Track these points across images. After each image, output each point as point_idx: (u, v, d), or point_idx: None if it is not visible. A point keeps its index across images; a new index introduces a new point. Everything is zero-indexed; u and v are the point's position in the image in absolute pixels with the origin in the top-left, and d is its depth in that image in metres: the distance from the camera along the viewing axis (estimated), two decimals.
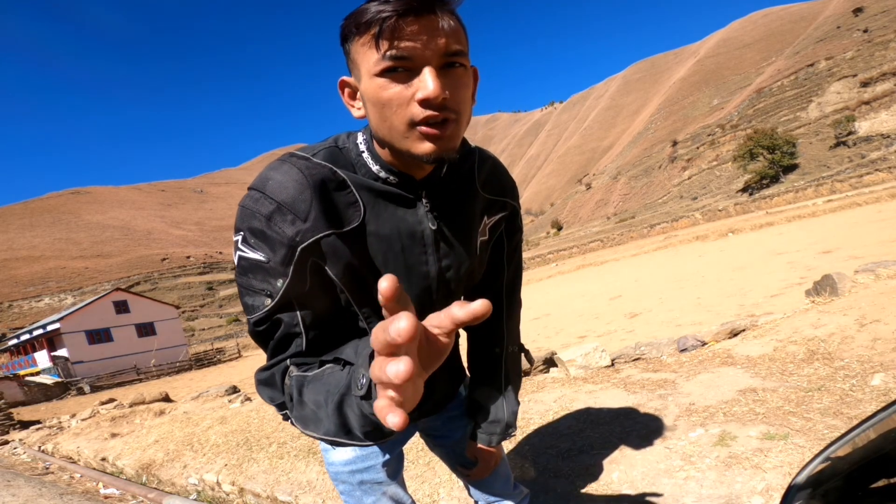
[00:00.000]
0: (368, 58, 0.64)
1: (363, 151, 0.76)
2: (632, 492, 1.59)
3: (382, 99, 0.65)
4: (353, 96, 0.73)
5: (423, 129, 0.65)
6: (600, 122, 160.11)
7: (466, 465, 1.09)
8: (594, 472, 1.76)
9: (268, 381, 0.75)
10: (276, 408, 0.77)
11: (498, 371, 1.03)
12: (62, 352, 33.49)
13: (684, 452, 1.71)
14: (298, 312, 0.73)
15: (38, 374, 30.39)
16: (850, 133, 46.16)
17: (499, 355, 1.02)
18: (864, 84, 50.86)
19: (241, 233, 0.70)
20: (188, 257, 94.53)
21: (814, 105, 55.39)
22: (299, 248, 0.69)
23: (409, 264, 0.78)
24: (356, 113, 0.72)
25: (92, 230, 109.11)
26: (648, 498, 1.54)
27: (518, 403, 1.05)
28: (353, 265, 0.74)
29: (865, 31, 57.35)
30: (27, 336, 38.70)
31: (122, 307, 36.89)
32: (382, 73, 0.63)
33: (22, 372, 31.51)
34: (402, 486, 1.05)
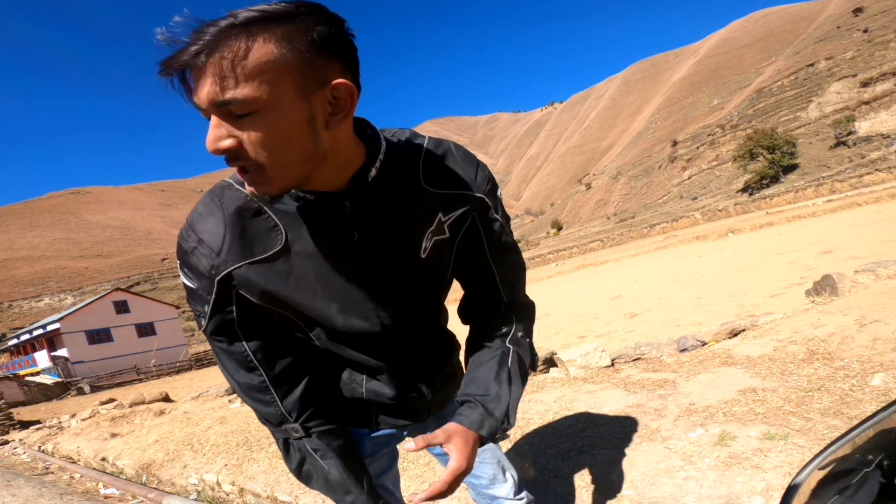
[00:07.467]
0: None
1: None
2: (632, 492, 1.59)
3: None
4: None
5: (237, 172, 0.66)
6: (600, 122, 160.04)
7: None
8: (594, 472, 1.76)
9: (264, 418, 0.87)
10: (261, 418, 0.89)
11: (504, 354, 0.89)
12: (62, 352, 33.49)
13: (684, 452, 1.71)
14: (245, 343, 0.81)
15: (38, 374, 30.38)
16: (850, 133, 46.15)
17: (502, 340, 0.91)
18: (864, 84, 50.85)
19: (179, 261, 0.79)
20: None
21: (814, 105, 55.38)
22: (216, 280, 0.75)
23: (342, 277, 0.77)
24: None
25: (92, 230, 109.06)
26: (648, 498, 1.54)
27: (520, 396, 0.90)
28: (274, 289, 0.76)
29: (865, 31, 57.33)
30: (27, 336, 38.72)
31: (122, 307, 36.90)
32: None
33: (22, 372, 31.50)
34: (392, 483, 1.03)
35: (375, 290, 0.80)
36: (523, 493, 1.10)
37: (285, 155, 0.62)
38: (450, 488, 0.75)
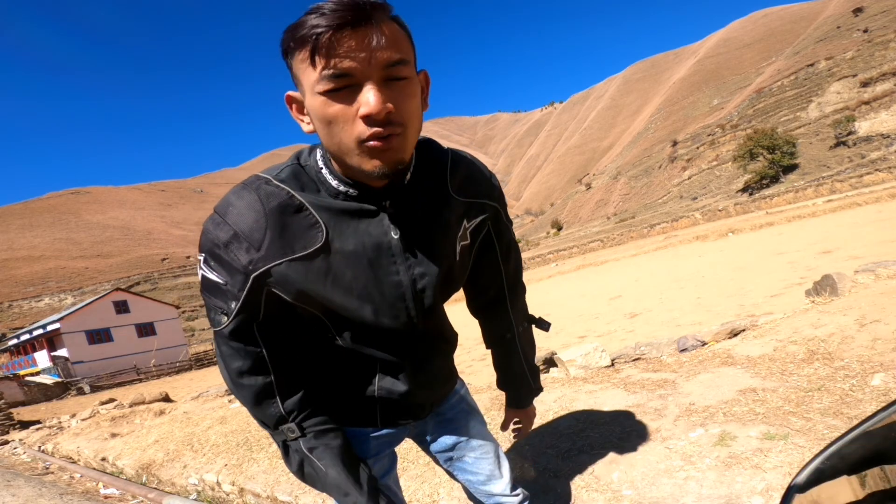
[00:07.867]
0: (309, 75, 0.64)
1: (321, 168, 0.76)
2: (632, 492, 1.59)
3: (327, 117, 0.65)
4: (301, 111, 0.72)
5: (370, 144, 0.65)
6: (600, 122, 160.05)
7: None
8: (594, 473, 1.76)
9: (262, 420, 0.87)
10: (256, 417, 0.88)
11: (514, 350, 1.11)
12: (62, 352, 33.49)
13: (684, 452, 1.71)
14: (262, 344, 0.81)
15: (38, 374, 30.38)
16: (850, 133, 46.14)
17: (511, 339, 1.10)
18: (864, 84, 50.83)
19: (203, 254, 0.76)
20: (188, 257, 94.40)
21: (814, 105, 55.37)
22: (252, 276, 0.73)
23: (378, 277, 0.78)
24: (306, 128, 0.72)
25: (92, 230, 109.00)
26: (648, 498, 1.54)
27: (538, 368, 1.17)
28: (312, 288, 0.76)
29: (865, 31, 57.31)
30: (27, 336, 38.71)
31: (122, 307, 36.88)
32: (324, 92, 0.63)
33: (22, 372, 31.50)
34: (394, 484, 1.04)
35: (409, 291, 0.81)
36: (519, 490, 1.12)
37: (417, 122, 0.71)
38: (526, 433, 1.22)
